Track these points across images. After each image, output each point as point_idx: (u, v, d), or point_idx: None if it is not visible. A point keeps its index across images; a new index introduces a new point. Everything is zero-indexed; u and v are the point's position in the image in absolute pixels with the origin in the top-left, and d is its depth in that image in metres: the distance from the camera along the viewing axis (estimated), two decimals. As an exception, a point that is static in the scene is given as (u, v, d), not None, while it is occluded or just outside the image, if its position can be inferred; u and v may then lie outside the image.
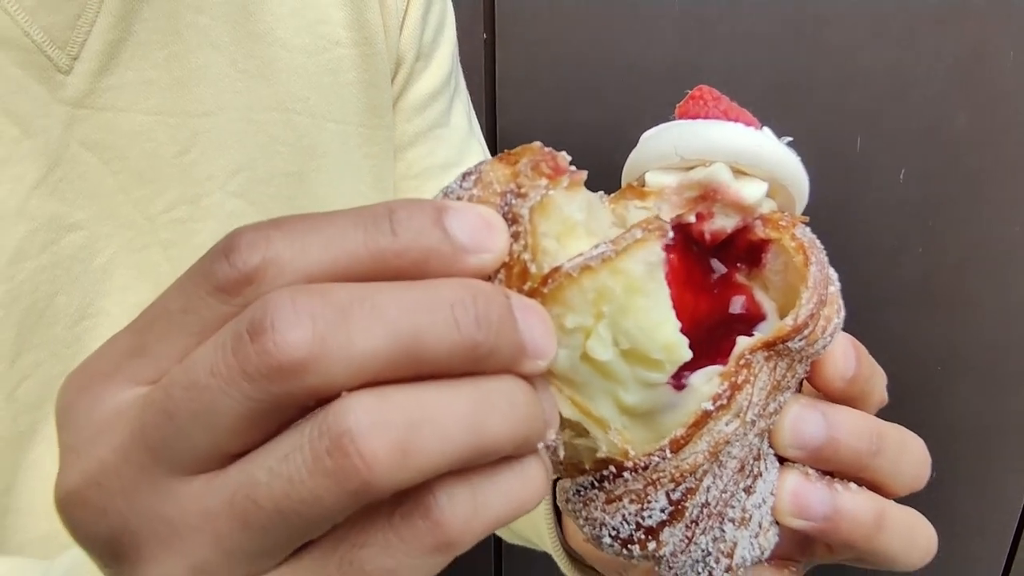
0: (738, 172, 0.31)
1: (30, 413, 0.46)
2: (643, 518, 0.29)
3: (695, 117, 0.32)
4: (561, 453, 0.29)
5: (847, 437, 0.31)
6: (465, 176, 0.26)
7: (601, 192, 0.30)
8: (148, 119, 0.49)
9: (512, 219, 0.25)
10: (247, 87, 0.53)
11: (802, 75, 1.02)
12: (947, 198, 1.05)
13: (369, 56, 0.58)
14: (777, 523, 0.32)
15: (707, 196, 0.31)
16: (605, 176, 0.35)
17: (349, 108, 0.57)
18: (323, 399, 0.21)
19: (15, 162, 0.45)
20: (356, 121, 0.58)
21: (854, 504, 0.31)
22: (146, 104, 0.49)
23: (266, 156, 0.54)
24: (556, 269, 0.25)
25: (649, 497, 0.29)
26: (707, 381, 0.29)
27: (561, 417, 0.27)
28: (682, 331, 0.29)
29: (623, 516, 0.30)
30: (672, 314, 0.27)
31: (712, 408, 0.28)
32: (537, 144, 0.26)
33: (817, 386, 0.32)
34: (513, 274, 0.25)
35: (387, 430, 0.20)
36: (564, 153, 0.26)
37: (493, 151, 1.16)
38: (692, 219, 0.31)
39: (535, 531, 0.51)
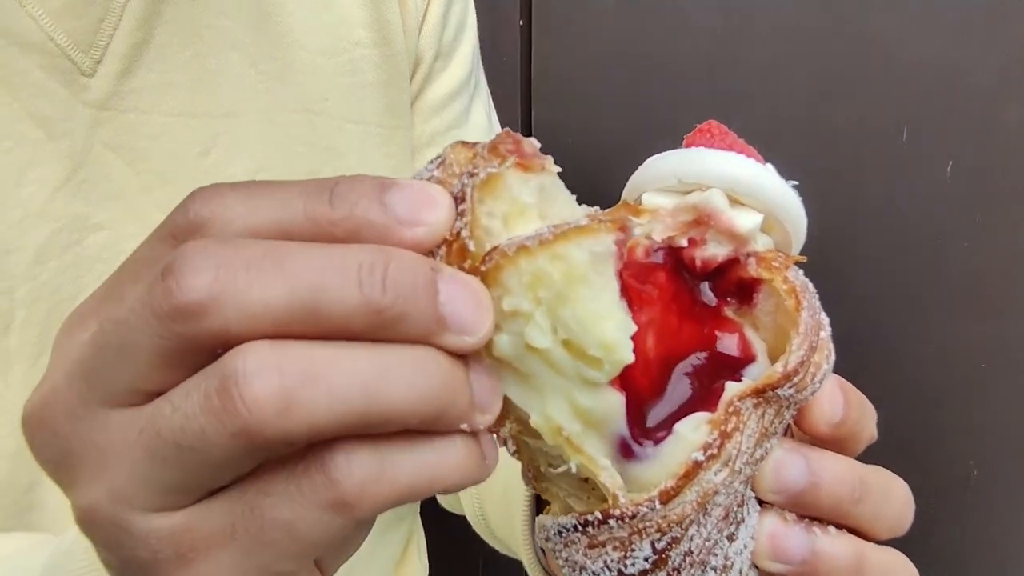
0: (735, 202, 0.30)
1: None
2: (625, 566, 0.29)
3: (700, 147, 0.32)
4: (510, 447, 0.29)
5: (829, 484, 0.30)
6: (433, 160, 0.26)
7: (596, 208, 0.29)
8: (170, 120, 0.50)
9: (461, 198, 0.24)
10: (267, 88, 0.53)
11: (846, 64, 0.99)
12: (995, 193, 1.01)
13: (388, 56, 0.57)
14: (756, 567, 0.31)
15: (701, 221, 0.30)
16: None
17: (368, 108, 0.57)
18: (229, 346, 0.22)
19: (40, 164, 0.46)
20: (375, 121, 0.58)
21: (832, 548, 0.31)
22: (168, 106, 0.50)
23: (286, 157, 0.54)
24: (494, 248, 0.24)
25: (633, 545, 0.28)
26: (695, 429, 0.28)
27: (513, 413, 0.27)
28: (656, 353, 0.29)
29: (605, 562, 0.29)
30: (619, 312, 0.25)
31: (703, 458, 0.28)
32: (507, 130, 0.26)
33: (804, 430, 0.31)
34: (453, 251, 0.24)
35: (272, 377, 0.21)
36: (533, 140, 0.26)
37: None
38: (684, 242, 0.30)
39: (517, 546, 0.51)
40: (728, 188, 0.30)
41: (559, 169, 0.26)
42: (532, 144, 0.26)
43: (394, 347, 0.22)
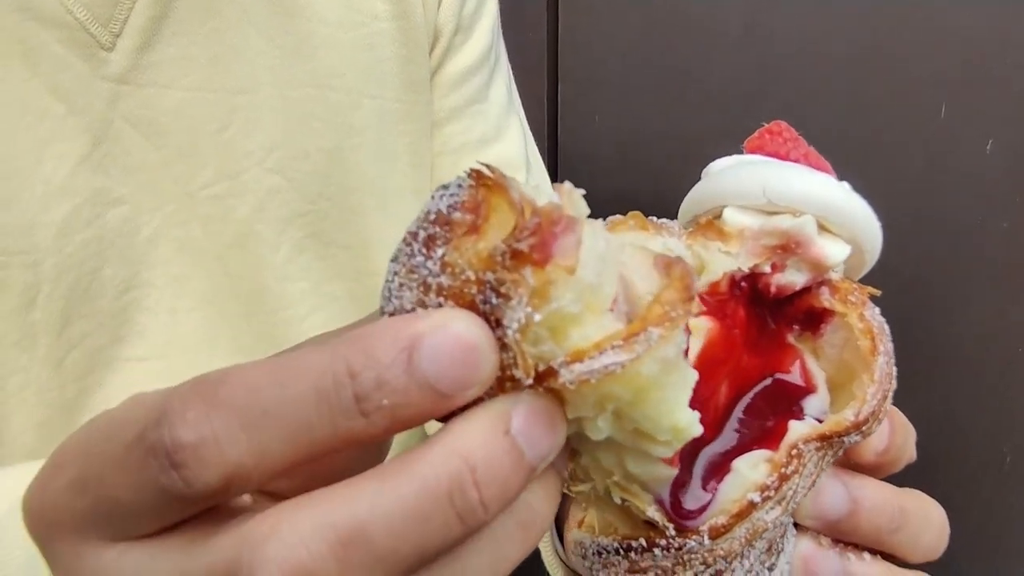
0: (822, 228, 0.30)
1: (77, 382, 0.48)
2: None
3: (772, 155, 0.31)
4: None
5: (869, 512, 0.30)
6: (429, 244, 0.21)
7: (601, 220, 0.25)
8: (188, 95, 0.50)
9: (494, 322, 0.21)
10: (284, 63, 0.53)
11: (884, 38, 0.96)
12: (1036, 172, 0.98)
13: (407, 30, 0.57)
14: None
15: (787, 248, 0.29)
16: (662, 179, 0.33)
17: (387, 83, 0.57)
18: None
19: (61, 138, 0.46)
20: (393, 97, 0.57)
21: (865, 574, 0.31)
22: (186, 80, 0.50)
23: (303, 132, 0.54)
24: (551, 372, 0.21)
25: (676, 574, 0.28)
26: (753, 468, 0.28)
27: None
28: (729, 394, 0.27)
29: None
30: (685, 391, 0.23)
31: (759, 500, 0.27)
32: (508, 199, 0.21)
33: (848, 454, 0.31)
34: (505, 387, 0.21)
35: None
36: (555, 196, 0.22)
37: (553, 152, 1.14)
38: (767, 268, 0.29)
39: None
40: (821, 215, 0.29)
41: (588, 211, 0.23)
42: (558, 211, 0.21)
43: (499, 521, 0.21)
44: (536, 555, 0.51)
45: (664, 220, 0.32)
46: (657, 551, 0.27)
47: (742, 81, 1.00)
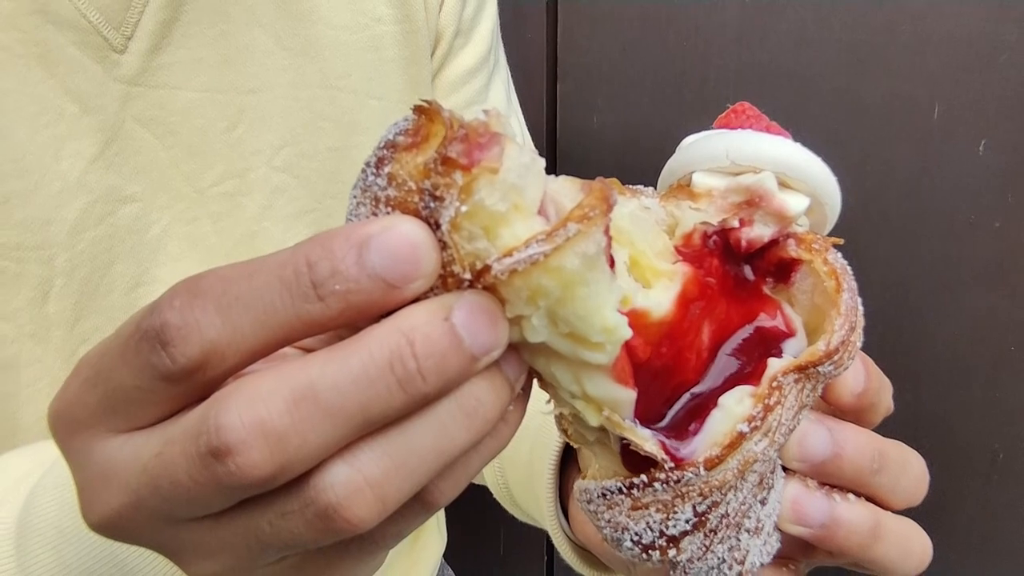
0: (783, 185, 0.32)
1: None
2: (667, 527, 0.30)
3: (736, 128, 0.34)
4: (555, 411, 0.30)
5: (851, 454, 0.32)
6: (379, 164, 0.25)
7: (562, 176, 0.28)
8: (198, 96, 0.52)
9: (435, 224, 0.24)
10: (292, 65, 0.55)
11: (878, 37, 0.97)
12: (1028, 172, 0.99)
13: (410, 33, 0.58)
14: (778, 529, 0.33)
15: (752, 203, 0.32)
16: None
17: (390, 84, 0.59)
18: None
19: (75, 138, 0.48)
20: (396, 98, 0.59)
21: (851, 514, 0.32)
22: (196, 81, 0.51)
23: (310, 132, 0.56)
24: (486, 268, 0.24)
25: (676, 508, 0.30)
26: (739, 402, 0.30)
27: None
28: (712, 340, 0.30)
29: (647, 523, 0.31)
30: (613, 293, 0.26)
31: (747, 430, 0.29)
32: (446, 115, 0.24)
33: (828, 400, 0.33)
34: (448, 283, 0.24)
35: (365, 494, 0.23)
36: (481, 115, 0.25)
37: (551, 152, 1.15)
38: (736, 223, 0.32)
39: (540, 514, 0.53)
40: (780, 171, 0.32)
41: (511, 137, 0.26)
42: (484, 126, 0.24)
43: (444, 404, 0.24)
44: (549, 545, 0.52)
45: (639, 186, 0.34)
46: (657, 485, 0.30)
47: (737, 83, 1.01)
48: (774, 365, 0.30)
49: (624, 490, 0.30)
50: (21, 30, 0.45)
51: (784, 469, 0.33)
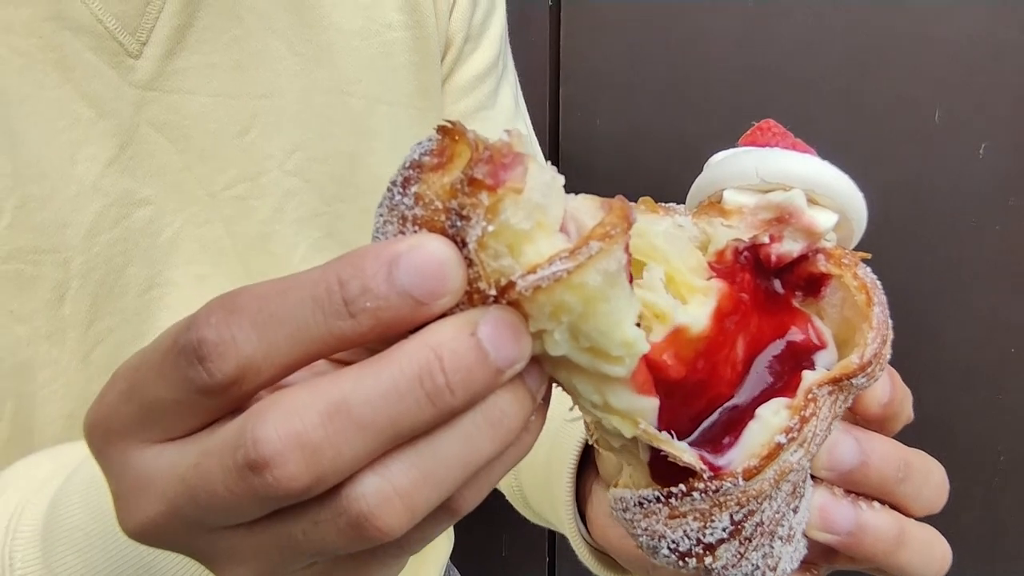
0: (811, 201, 0.33)
1: (103, 376, 0.50)
2: (704, 535, 0.31)
3: (763, 146, 0.35)
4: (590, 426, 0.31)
5: (877, 463, 0.33)
6: (406, 184, 0.26)
7: (582, 195, 0.29)
8: (211, 100, 0.52)
9: (461, 242, 0.25)
10: (304, 70, 0.55)
11: (880, 43, 0.98)
12: (1029, 175, 1.00)
13: (420, 38, 0.59)
14: (805, 536, 0.34)
15: (782, 219, 0.33)
16: (662, 182, 0.36)
17: (401, 90, 0.59)
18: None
19: (91, 142, 0.48)
20: (407, 103, 0.60)
21: (877, 521, 0.33)
22: (209, 86, 0.52)
23: (321, 136, 0.56)
24: (511, 284, 0.25)
25: (713, 517, 0.31)
26: (775, 413, 0.31)
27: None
28: (745, 353, 0.31)
29: (684, 531, 0.31)
30: (633, 308, 0.26)
31: (784, 440, 0.30)
32: (470, 136, 0.25)
33: (854, 410, 0.34)
34: (473, 300, 0.25)
35: (395, 504, 0.24)
36: (505, 135, 0.25)
37: (554, 155, 1.15)
38: (766, 239, 0.33)
39: (556, 517, 0.53)
40: (808, 188, 0.33)
41: (533, 156, 0.26)
42: (508, 147, 0.25)
43: (469, 416, 0.25)
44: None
45: (671, 204, 0.35)
46: (696, 495, 0.30)
47: (740, 86, 1.02)
48: (809, 377, 0.31)
49: (662, 499, 0.31)
50: (38, 36, 0.46)
51: (812, 478, 0.34)
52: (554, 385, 0.29)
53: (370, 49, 0.58)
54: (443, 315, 0.24)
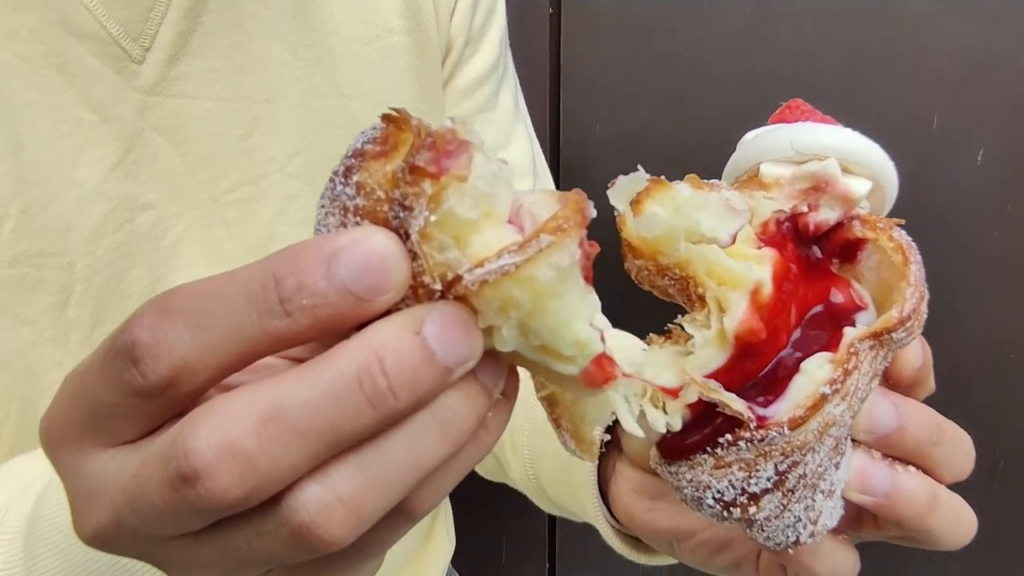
0: (845, 170, 0.35)
1: None
2: (748, 484, 0.32)
3: (793, 122, 0.36)
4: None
5: (913, 427, 0.34)
6: (347, 173, 0.25)
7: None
8: (213, 105, 0.53)
9: (404, 234, 0.23)
10: (305, 74, 0.56)
11: (878, 48, 0.98)
12: (1027, 181, 1.00)
13: (421, 42, 0.60)
14: (842, 498, 0.35)
15: (818, 188, 0.34)
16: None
17: (402, 93, 0.60)
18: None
19: (94, 146, 0.49)
20: (408, 106, 0.59)
21: (911, 485, 0.34)
22: (211, 91, 0.52)
23: (323, 140, 0.57)
24: (457, 279, 0.24)
25: (758, 467, 0.32)
26: (819, 367, 0.32)
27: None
28: (796, 318, 0.32)
29: (730, 481, 0.32)
30: (586, 306, 0.25)
31: (828, 392, 0.31)
32: (415, 124, 0.24)
33: (888, 375, 0.35)
34: (418, 294, 0.24)
35: (339, 512, 0.23)
36: (447, 122, 0.24)
37: (554, 159, 1.15)
38: (805, 208, 0.34)
39: (576, 503, 0.53)
40: (842, 158, 0.34)
41: (483, 140, 0.25)
42: (452, 134, 0.24)
43: (417, 417, 0.24)
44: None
45: (714, 180, 0.36)
46: (742, 444, 0.31)
47: (739, 93, 1.02)
48: (850, 333, 0.32)
49: (708, 450, 0.32)
50: (42, 42, 0.46)
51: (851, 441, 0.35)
52: None
53: (371, 53, 0.58)
54: (388, 311, 0.23)
